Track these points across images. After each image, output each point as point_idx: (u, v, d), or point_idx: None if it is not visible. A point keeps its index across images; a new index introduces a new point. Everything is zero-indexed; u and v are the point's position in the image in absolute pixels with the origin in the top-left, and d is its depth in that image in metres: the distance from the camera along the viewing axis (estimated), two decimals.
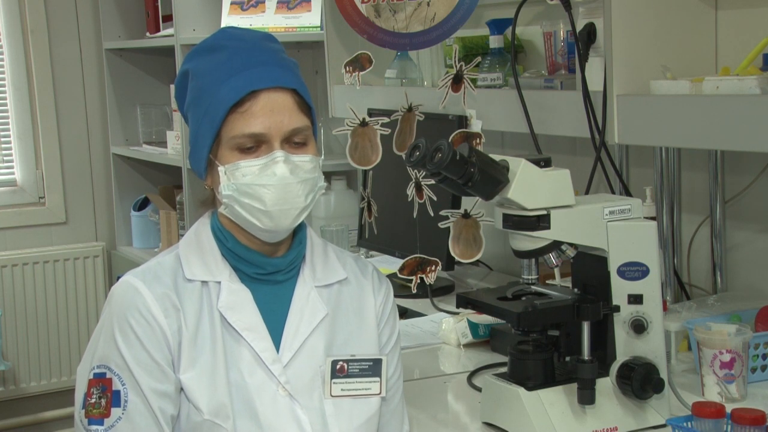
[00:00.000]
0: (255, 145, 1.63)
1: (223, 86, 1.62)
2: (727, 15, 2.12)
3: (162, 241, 4.31)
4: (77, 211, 4.63)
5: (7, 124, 4.49)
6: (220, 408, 1.63)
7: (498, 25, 2.65)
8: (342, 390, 1.70)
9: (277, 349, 1.68)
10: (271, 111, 1.62)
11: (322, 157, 1.71)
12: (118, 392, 1.61)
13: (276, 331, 1.69)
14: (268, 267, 1.70)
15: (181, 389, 1.64)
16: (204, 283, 1.68)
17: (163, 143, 4.32)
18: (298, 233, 1.75)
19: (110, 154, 4.59)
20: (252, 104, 1.61)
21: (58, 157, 4.55)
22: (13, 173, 4.53)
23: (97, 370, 1.63)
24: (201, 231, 1.73)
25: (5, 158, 4.51)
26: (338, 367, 1.71)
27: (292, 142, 1.65)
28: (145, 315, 1.62)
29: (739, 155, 2.29)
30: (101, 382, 1.62)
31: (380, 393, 1.73)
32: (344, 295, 1.77)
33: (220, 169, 1.64)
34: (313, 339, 1.71)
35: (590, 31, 2.18)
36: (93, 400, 1.62)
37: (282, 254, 1.72)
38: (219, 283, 1.68)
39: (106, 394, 1.62)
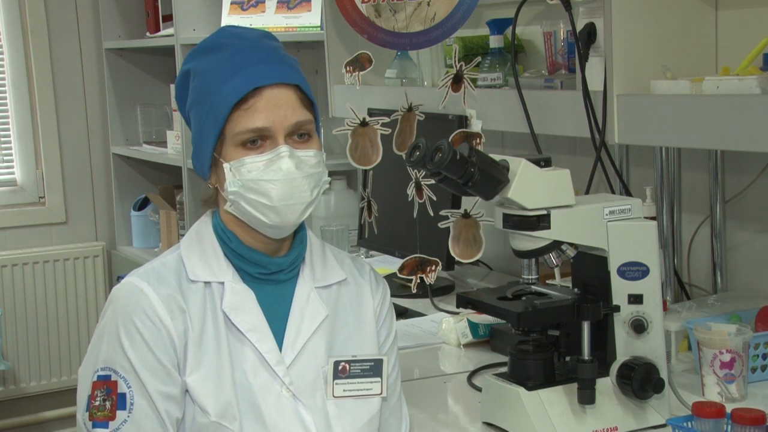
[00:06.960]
0: (259, 141, 1.63)
1: (226, 84, 1.62)
2: (727, 15, 2.12)
3: (162, 241, 4.31)
4: (77, 211, 4.63)
5: (7, 124, 4.49)
6: (226, 409, 1.62)
7: (498, 25, 2.65)
8: (344, 390, 1.71)
9: (280, 349, 1.68)
10: (274, 106, 1.62)
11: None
12: (123, 395, 1.60)
13: (278, 332, 1.69)
14: (271, 266, 1.70)
15: (186, 392, 1.63)
16: (207, 283, 1.67)
17: (163, 143, 4.32)
18: (298, 233, 1.75)
19: (110, 154, 4.59)
20: (255, 101, 1.61)
21: (58, 157, 4.54)
22: (13, 173, 4.52)
23: (101, 373, 1.62)
24: (202, 231, 1.73)
25: (5, 158, 4.51)
26: (340, 367, 1.71)
27: (296, 136, 1.65)
28: (151, 317, 1.61)
29: (739, 155, 2.29)
30: (106, 385, 1.61)
31: (381, 393, 1.73)
32: (343, 295, 1.77)
33: (225, 166, 1.63)
34: (315, 340, 1.71)
35: (590, 31, 2.18)
36: (97, 403, 1.61)
37: (284, 253, 1.72)
38: (222, 283, 1.68)
39: (111, 396, 1.60)
